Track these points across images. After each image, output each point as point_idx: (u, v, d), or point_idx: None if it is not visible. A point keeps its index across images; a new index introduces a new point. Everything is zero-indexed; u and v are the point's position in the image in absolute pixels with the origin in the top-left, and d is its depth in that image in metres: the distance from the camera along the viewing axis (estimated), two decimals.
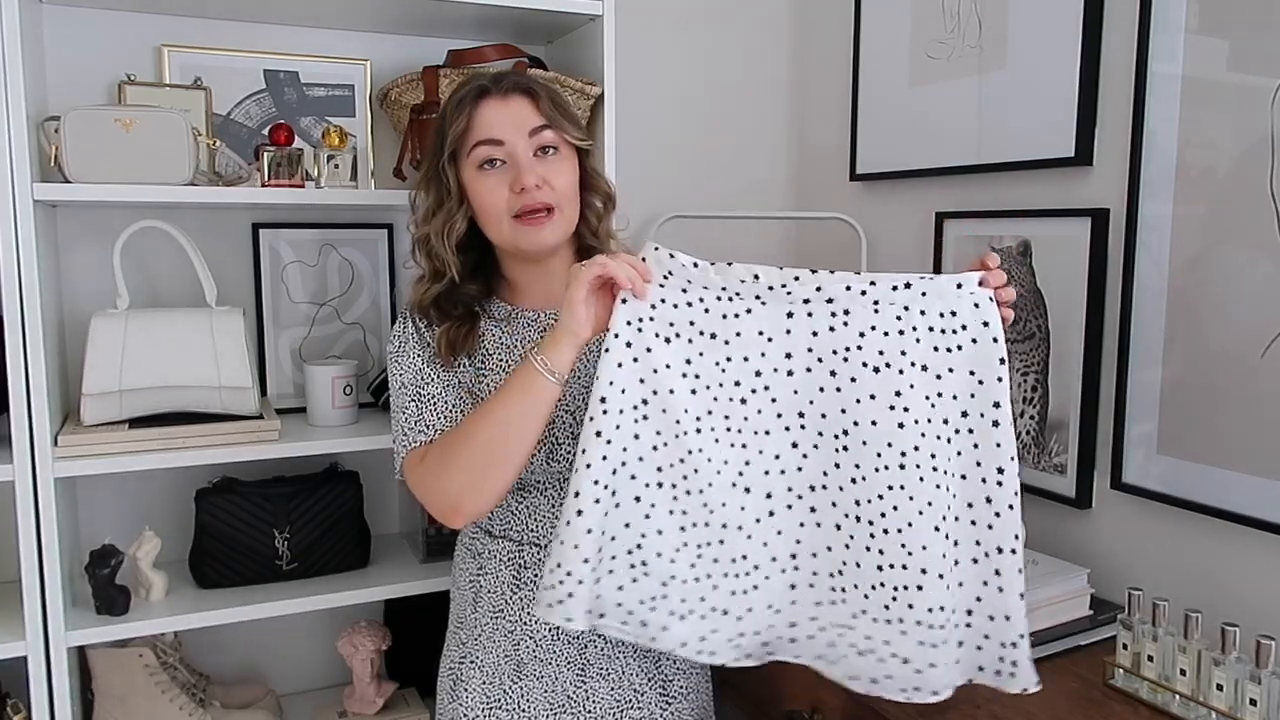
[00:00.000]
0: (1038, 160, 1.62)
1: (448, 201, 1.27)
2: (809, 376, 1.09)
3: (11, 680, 1.60)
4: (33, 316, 1.43)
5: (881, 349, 1.07)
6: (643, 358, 1.09)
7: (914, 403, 1.07)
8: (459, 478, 1.17)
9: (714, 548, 1.11)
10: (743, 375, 1.10)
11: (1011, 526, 1.08)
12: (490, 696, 1.31)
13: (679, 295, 1.10)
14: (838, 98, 2.12)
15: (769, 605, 1.13)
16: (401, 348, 1.30)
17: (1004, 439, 1.07)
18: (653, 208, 2.05)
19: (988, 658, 1.12)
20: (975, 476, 1.09)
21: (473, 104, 1.25)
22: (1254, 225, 1.31)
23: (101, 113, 1.48)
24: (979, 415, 1.08)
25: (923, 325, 1.07)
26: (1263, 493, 1.31)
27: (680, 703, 1.35)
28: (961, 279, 1.08)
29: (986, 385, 1.07)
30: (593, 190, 1.33)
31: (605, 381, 1.08)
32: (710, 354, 1.10)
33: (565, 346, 1.12)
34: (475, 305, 1.32)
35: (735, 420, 1.10)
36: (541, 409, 1.15)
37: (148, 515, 1.75)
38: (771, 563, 1.12)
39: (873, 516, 1.08)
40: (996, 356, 1.07)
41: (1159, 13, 1.42)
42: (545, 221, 1.24)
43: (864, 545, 1.09)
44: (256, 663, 1.91)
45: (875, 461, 1.08)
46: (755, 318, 1.09)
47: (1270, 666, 1.12)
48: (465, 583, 1.37)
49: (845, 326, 1.08)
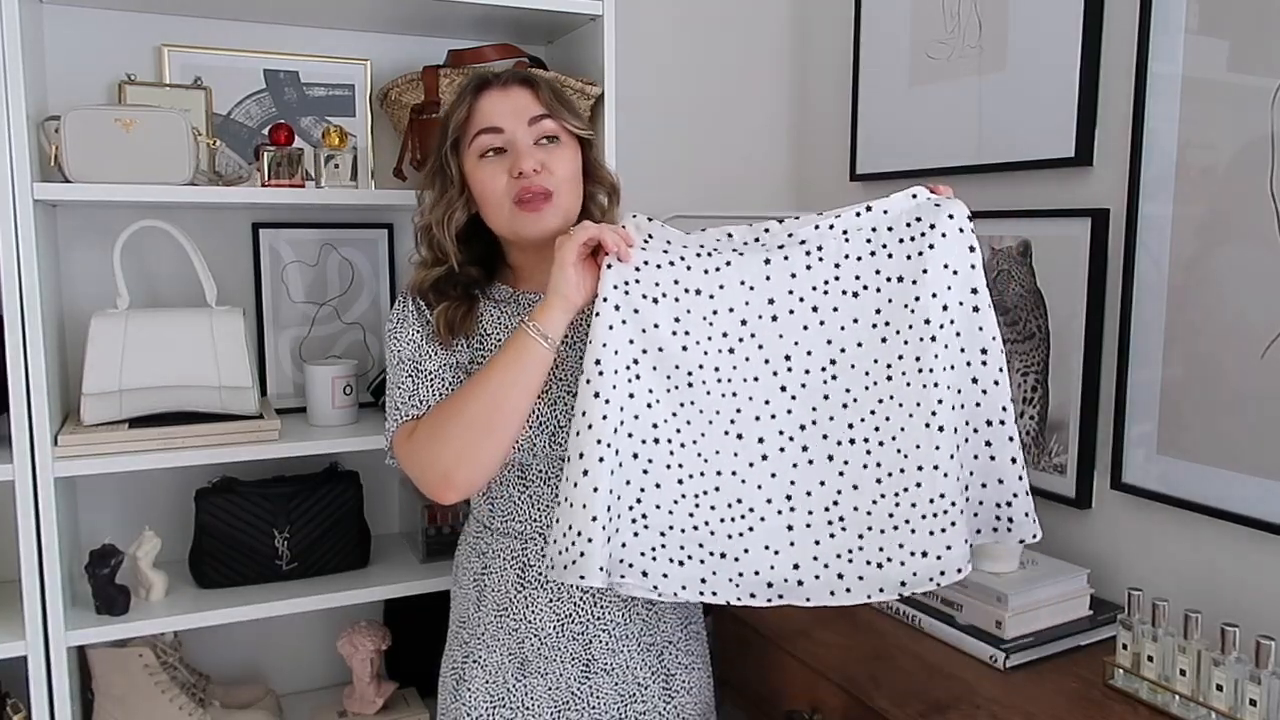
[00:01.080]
0: (1038, 160, 1.62)
1: (449, 190, 1.28)
2: (792, 318, 1.15)
3: (11, 680, 1.59)
4: (33, 316, 1.43)
5: (858, 274, 1.14)
6: (631, 319, 1.15)
7: (894, 315, 1.13)
8: (452, 446, 1.18)
9: (710, 495, 1.16)
10: (729, 327, 1.16)
11: (999, 399, 1.15)
12: (494, 695, 1.31)
13: (661, 256, 1.16)
14: (838, 98, 2.12)
15: (766, 545, 1.16)
16: (400, 324, 1.31)
17: (984, 321, 1.14)
18: (653, 207, 2.04)
19: (985, 520, 1.18)
20: (960, 362, 1.14)
21: (473, 95, 1.27)
22: (1254, 225, 1.31)
23: (101, 113, 1.48)
24: (958, 304, 1.13)
25: (892, 240, 1.13)
26: (1263, 493, 1.31)
27: (683, 697, 1.36)
28: (914, 189, 1.14)
29: (961, 274, 1.13)
30: (596, 181, 1.34)
31: (599, 344, 1.13)
32: (697, 309, 1.16)
33: (556, 310, 1.16)
34: (474, 288, 1.33)
35: (725, 370, 1.16)
36: (534, 375, 1.17)
37: (148, 515, 1.75)
38: (767, 504, 1.16)
39: (866, 434, 1.14)
40: (966, 244, 1.13)
41: (1159, 13, 1.42)
42: (544, 206, 1.24)
43: (860, 464, 1.14)
44: (256, 663, 1.91)
45: (863, 380, 1.14)
46: (735, 269, 1.16)
47: (1270, 666, 1.12)
48: (469, 582, 1.37)
49: (820, 262, 1.15)
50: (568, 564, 1.11)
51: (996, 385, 1.15)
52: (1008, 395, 1.15)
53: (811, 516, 1.16)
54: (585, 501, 1.11)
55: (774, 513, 1.16)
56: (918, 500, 1.11)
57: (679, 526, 1.16)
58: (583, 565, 1.11)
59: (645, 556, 1.15)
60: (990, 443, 1.16)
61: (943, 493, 1.11)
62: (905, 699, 1.27)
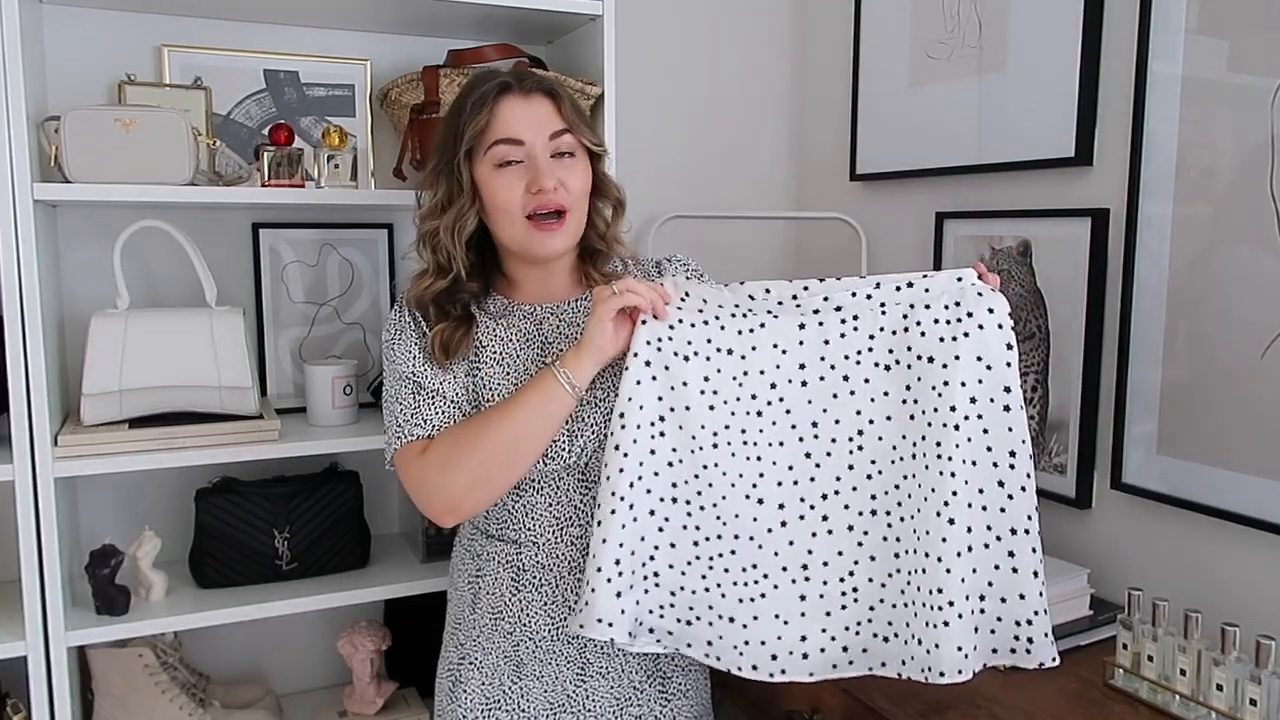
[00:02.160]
0: (1038, 160, 1.62)
1: (460, 198, 1.25)
2: (822, 385, 1.14)
3: (11, 680, 1.59)
4: (33, 316, 1.43)
5: (890, 347, 1.12)
6: (661, 375, 1.14)
7: (922, 394, 1.10)
8: (464, 477, 1.19)
9: (725, 559, 1.15)
10: (759, 389, 1.14)
11: (1024, 508, 1.11)
12: (489, 697, 1.31)
13: (696, 315, 1.16)
14: (838, 98, 2.12)
15: (776, 614, 1.15)
16: (398, 336, 1.30)
17: (1015, 423, 1.10)
18: (653, 208, 2.05)
19: (1001, 639, 1.14)
20: (986, 461, 1.11)
21: (494, 101, 1.23)
22: (1254, 225, 1.31)
23: (101, 113, 1.48)
24: (988, 400, 1.10)
25: (927, 319, 1.10)
26: (1263, 493, 1.31)
27: (679, 700, 1.36)
28: (961, 272, 1.11)
29: (995, 370, 1.10)
30: (603, 195, 1.33)
31: (625, 398, 1.13)
32: (728, 369, 1.15)
33: (589, 362, 1.17)
34: (473, 305, 1.32)
35: (751, 434, 1.14)
36: (556, 420, 1.19)
37: (148, 515, 1.75)
38: (782, 572, 1.15)
39: (889, 507, 1.12)
40: (1003, 341, 1.10)
41: (1159, 13, 1.42)
42: (557, 229, 1.24)
43: (880, 536, 1.13)
44: (256, 663, 1.91)
45: (890, 454, 1.12)
46: (769, 331, 1.14)
47: (1270, 666, 1.12)
48: (463, 584, 1.37)
49: (855, 332, 1.13)
50: (586, 622, 1.14)
51: (1024, 491, 1.10)
52: (1033, 504, 1.11)
53: (826, 587, 1.15)
54: (595, 552, 1.12)
55: (788, 581, 1.15)
56: (923, 585, 1.10)
57: (690, 588, 1.16)
58: (584, 615, 1.14)
59: (653, 614, 1.16)
60: (1014, 553, 1.11)
61: (941, 588, 1.08)
62: (905, 699, 1.27)
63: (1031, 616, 1.12)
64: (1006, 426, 1.10)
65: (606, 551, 1.12)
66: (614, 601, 1.13)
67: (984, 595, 1.12)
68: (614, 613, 1.13)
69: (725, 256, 2.16)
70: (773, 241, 2.28)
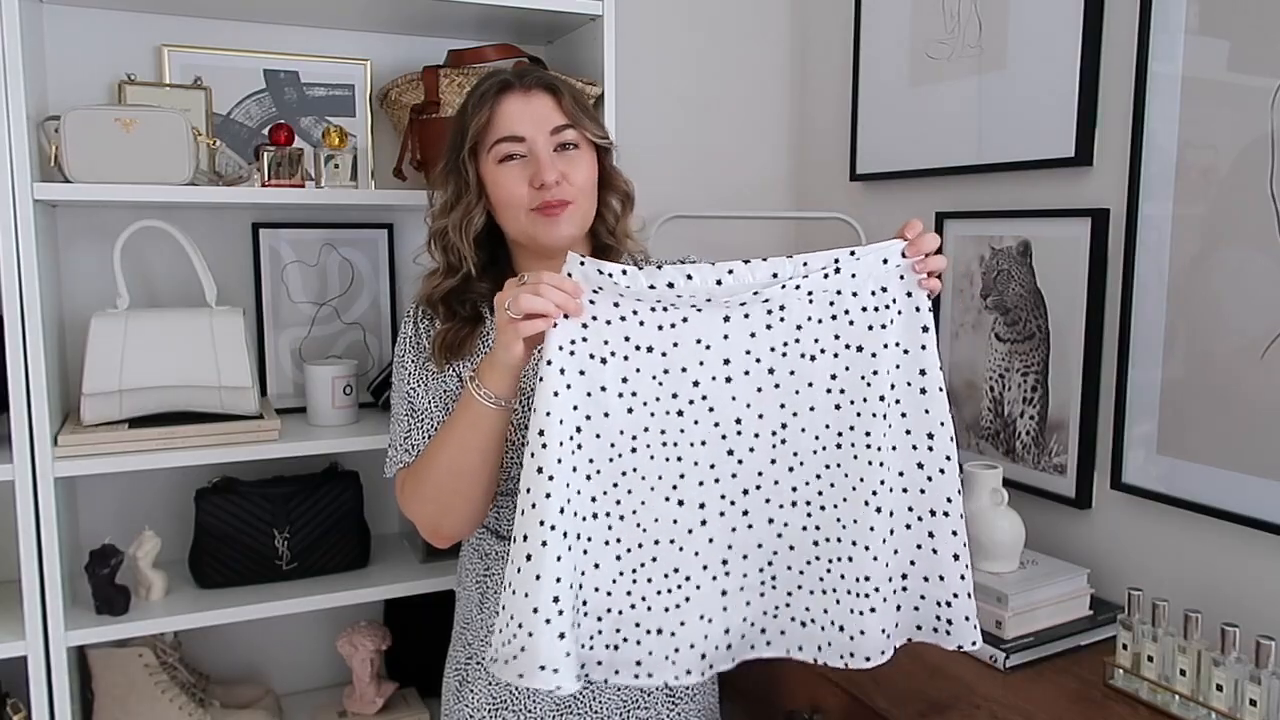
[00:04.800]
0: (1038, 160, 1.62)
1: (466, 195, 1.26)
2: (747, 380, 1.09)
3: (11, 680, 1.60)
4: (33, 316, 1.43)
5: (817, 337, 1.09)
6: (577, 382, 1.05)
7: (850, 383, 1.08)
8: (429, 507, 1.22)
9: (647, 568, 1.10)
10: (680, 387, 1.07)
11: (945, 490, 1.10)
12: (497, 697, 1.31)
13: (612, 310, 1.05)
14: (838, 98, 2.12)
15: (701, 615, 1.12)
16: (403, 353, 1.31)
17: (932, 405, 1.09)
18: (653, 208, 2.05)
19: (925, 617, 1.14)
20: (905, 444, 1.10)
21: (495, 99, 1.24)
22: (1254, 225, 1.31)
23: (101, 113, 1.48)
24: (905, 384, 1.09)
25: (855, 306, 1.08)
26: (1263, 493, 1.31)
27: (686, 704, 1.35)
28: (887, 253, 1.07)
29: (912, 354, 1.09)
30: (611, 189, 1.33)
31: (542, 413, 1.02)
32: (647, 369, 1.07)
33: (501, 372, 1.10)
34: (482, 305, 1.32)
35: (671, 434, 1.08)
36: (495, 436, 1.14)
37: (148, 515, 1.75)
38: (703, 571, 1.11)
39: (809, 496, 1.11)
40: (919, 325, 1.08)
41: (1159, 13, 1.42)
42: (561, 213, 1.24)
43: (800, 525, 1.11)
44: (256, 663, 1.91)
45: (813, 444, 1.10)
46: (692, 326, 1.07)
47: (1270, 667, 1.12)
48: (471, 583, 1.36)
49: (782, 323, 1.08)
50: (508, 659, 1.02)
51: (943, 474, 1.09)
52: (954, 486, 1.09)
53: (746, 579, 1.12)
54: (528, 590, 1.00)
55: (709, 579, 1.11)
56: (846, 573, 1.09)
57: (616, 608, 1.09)
58: (523, 662, 1.01)
59: (584, 648, 1.08)
60: (933, 534, 1.11)
61: (868, 575, 1.08)
62: (905, 699, 1.27)
63: (951, 599, 1.11)
64: (924, 409, 1.09)
65: (542, 589, 1.00)
66: (558, 644, 1.01)
67: (906, 574, 1.13)
68: (558, 657, 1.02)
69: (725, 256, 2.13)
70: (772, 241, 2.28)
